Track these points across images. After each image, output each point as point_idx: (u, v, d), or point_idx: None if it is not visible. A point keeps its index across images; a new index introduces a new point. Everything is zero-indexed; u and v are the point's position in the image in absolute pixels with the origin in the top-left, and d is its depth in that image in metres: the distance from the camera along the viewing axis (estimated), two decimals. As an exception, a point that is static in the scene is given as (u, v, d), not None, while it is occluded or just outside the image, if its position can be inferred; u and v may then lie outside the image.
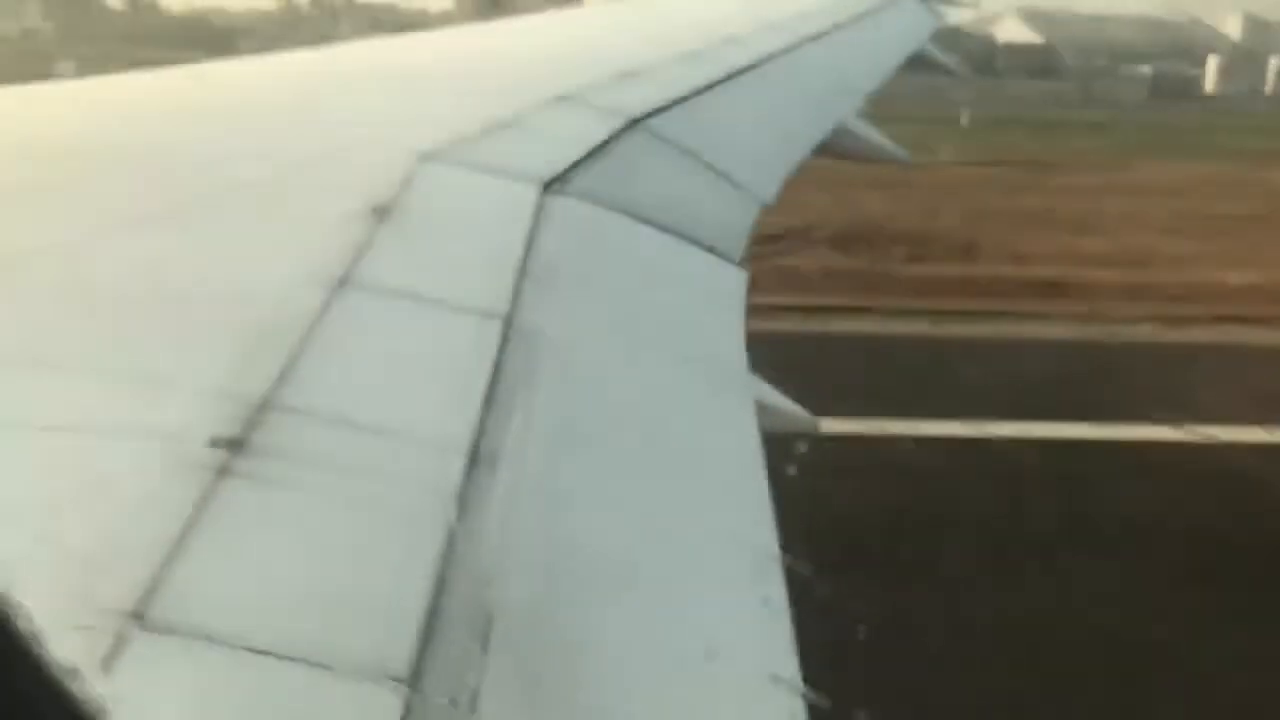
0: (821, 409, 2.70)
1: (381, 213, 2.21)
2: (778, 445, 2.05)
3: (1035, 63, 57.52)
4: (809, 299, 14.78)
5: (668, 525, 1.66)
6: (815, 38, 5.52)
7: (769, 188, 3.39)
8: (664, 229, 2.71)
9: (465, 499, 1.40)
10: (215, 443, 1.35)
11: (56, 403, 1.44)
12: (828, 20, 6.07)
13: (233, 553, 1.22)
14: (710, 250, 2.71)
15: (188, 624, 1.08)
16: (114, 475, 1.30)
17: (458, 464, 1.47)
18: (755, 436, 1.90)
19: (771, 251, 16.17)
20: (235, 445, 1.36)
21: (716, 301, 2.51)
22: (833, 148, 4.46)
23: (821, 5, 6.53)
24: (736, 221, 3.01)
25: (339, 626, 1.16)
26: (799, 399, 2.50)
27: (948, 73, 9.57)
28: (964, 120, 34.84)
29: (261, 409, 1.45)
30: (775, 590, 1.48)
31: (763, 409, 2.09)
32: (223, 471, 1.31)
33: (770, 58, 4.79)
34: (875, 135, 5.05)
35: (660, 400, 2.04)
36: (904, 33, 7.23)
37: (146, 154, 2.56)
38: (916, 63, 7.78)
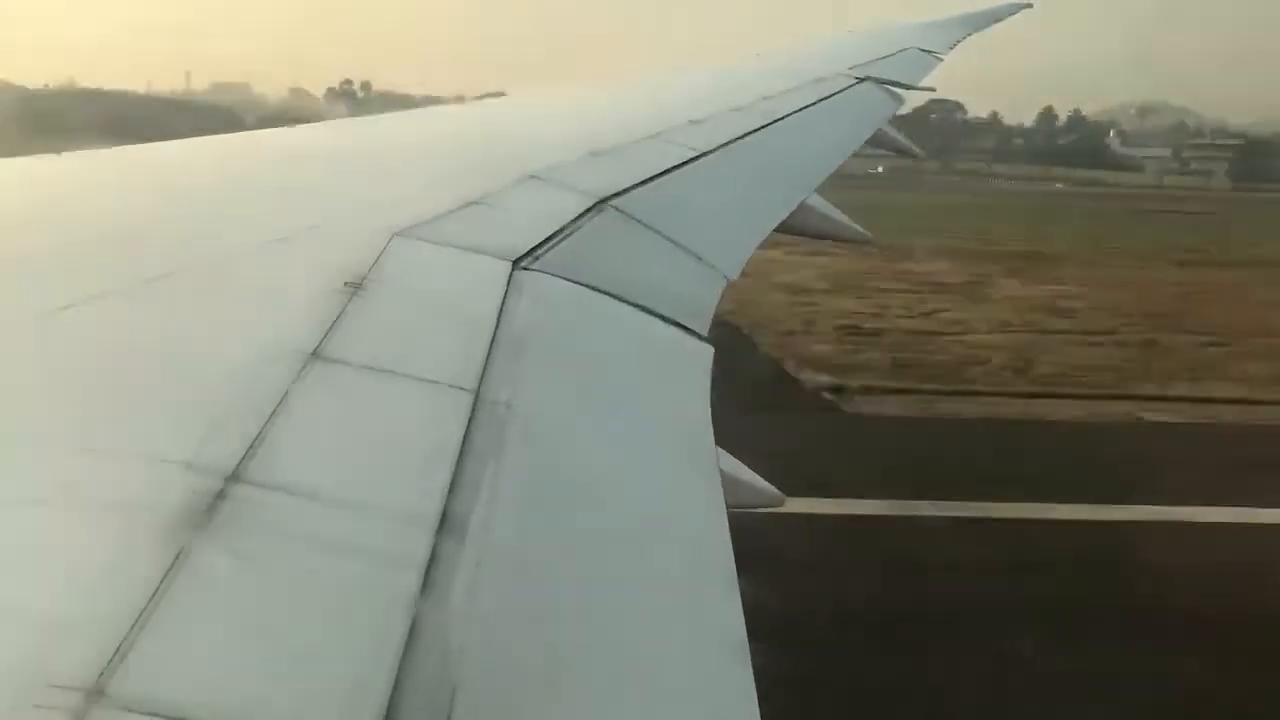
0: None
1: (353, 287, 2.24)
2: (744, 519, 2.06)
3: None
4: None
5: (634, 599, 1.67)
6: (779, 120, 5.67)
7: (734, 264, 3.45)
8: (632, 304, 2.75)
9: (431, 573, 1.40)
10: (179, 517, 1.35)
11: (19, 474, 1.44)
12: (790, 103, 6.24)
13: (194, 629, 1.21)
14: (677, 325, 2.75)
15: (148, 701, 1.07)
16: (76, 549, 1.30)
17: (424, 538, 1.47)
18: (722, 511, 1.91)
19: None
20: (200, 519, 1.36)
21: (683, 375, 2.54)
22: (796, 226, 4.56)
23: (784, 89, 6.71)
24: (702, 297, 3.06)
25: (301, 703, 1.15)
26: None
27: (909, 154, 9.81)
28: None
29: (228, 482, 1.45)
30: (741, 662, 1.48)
31: (729, 483, 2.11)
32: (186, 546, 1.31)
33: (735, 139, 4.91)
34: (838, 214, 5.16)
35: (628, 474, 2.06)
36: (865, 115, 7.42)
37: (120, 228, 2.58)
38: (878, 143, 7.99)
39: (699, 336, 2.75)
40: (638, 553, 1.79)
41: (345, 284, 2.24)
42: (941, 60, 10.07)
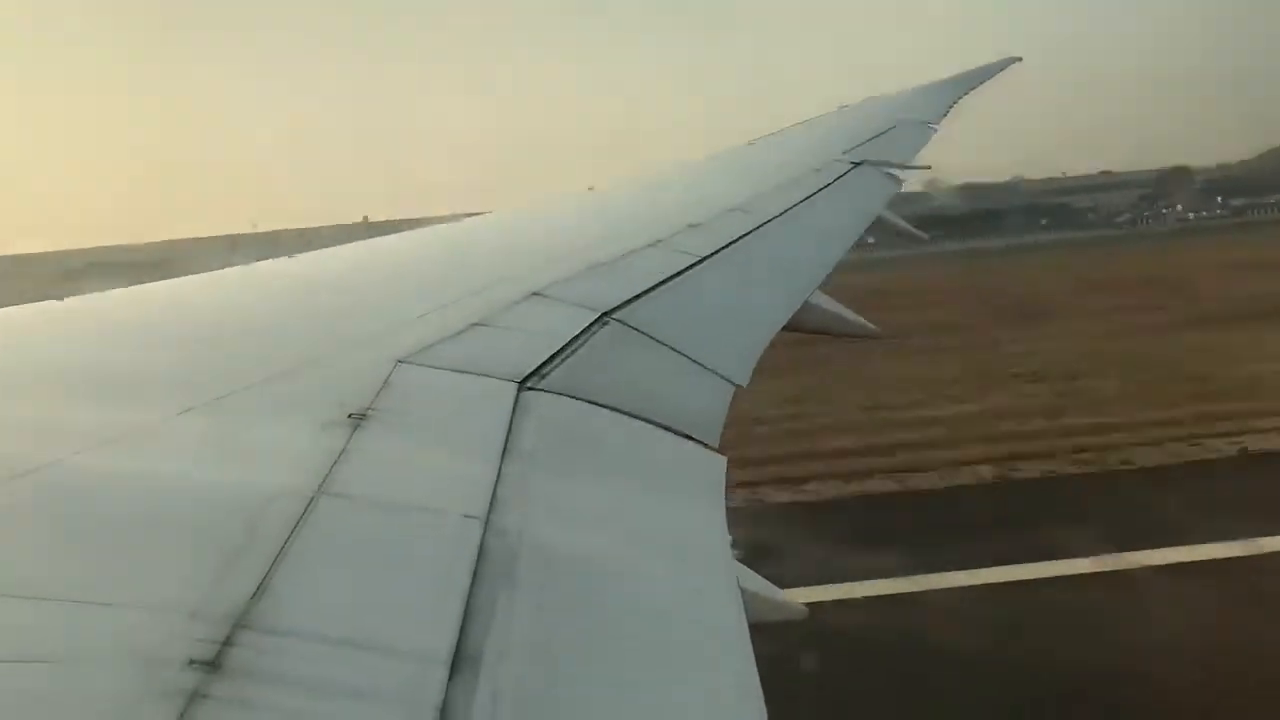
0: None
1: (359, 419, 2.24)
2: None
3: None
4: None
5: None
6: (776, 217, 5.70)
7: (741, 370, 3.43)
8: (640, 418, 2.74)
9: (447, 710, 1.37)
10: (190, 665, 1.33)
11: (31, 628, 1.42)
12: (788, 198, 6.27)
13: None
14: (687, 436, 2.73)
15: None
16: (87, 702, 1.28)
17: (438, 674, 1.44)
18: (744, 632, 1.87)
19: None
20: (211, 667, 1.34)
21: (696, 489, 2.51)
22: (801, 324, 4.53)
23: (779, 182, 6.77)
24: (711, 406, 3.04)
25: None
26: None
27: (909, 237, 9.73)
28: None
29: (238, 627, 1.43)
30: None
31: (750, 599, 2.06)
32: (198, 695, 1.29)
33: (734, 241, 4.94)
34: (842, 310, 5.14)
35: (646, 600, 2.01)
36: (863, 202, 7.40)
37: (118, 372, 2.59)
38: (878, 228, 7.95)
39: (710, 446, 2.72)
40: (660, 687, 1.75)
41: (349, 416, 2.24)
42: (936, 130, 9.81)
